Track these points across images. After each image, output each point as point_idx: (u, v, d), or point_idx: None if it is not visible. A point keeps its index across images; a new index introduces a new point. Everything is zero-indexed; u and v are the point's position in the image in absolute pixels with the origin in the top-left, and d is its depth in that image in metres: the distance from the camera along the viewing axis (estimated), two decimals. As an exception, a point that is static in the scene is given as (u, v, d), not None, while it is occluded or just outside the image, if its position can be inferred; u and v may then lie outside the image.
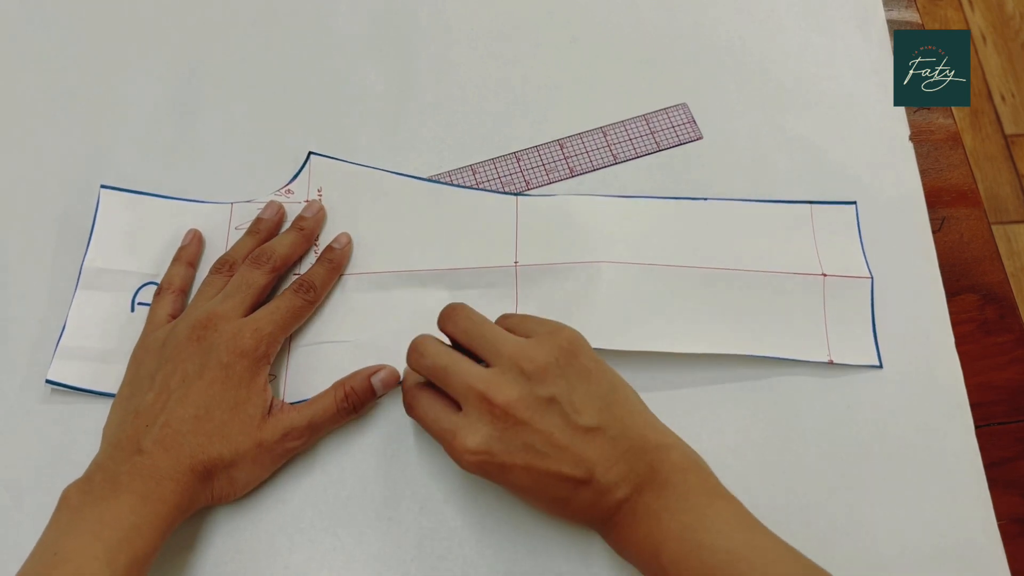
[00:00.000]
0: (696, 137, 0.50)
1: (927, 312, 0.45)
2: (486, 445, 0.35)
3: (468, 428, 0.35)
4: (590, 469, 0.35)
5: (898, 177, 0.49)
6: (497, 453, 0.35)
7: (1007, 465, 0.42)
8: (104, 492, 0.36)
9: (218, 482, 0.38)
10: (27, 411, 0.43)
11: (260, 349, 0.40)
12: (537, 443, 0.35)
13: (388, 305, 0.45)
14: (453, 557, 0.40)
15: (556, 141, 0.50)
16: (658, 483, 0.35)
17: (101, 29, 0.53)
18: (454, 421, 0.36)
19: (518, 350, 0.36)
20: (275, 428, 0.39)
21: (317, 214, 0.46)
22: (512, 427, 0.35)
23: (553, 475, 0.35)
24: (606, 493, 0.35)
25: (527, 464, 0.35)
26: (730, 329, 0.44)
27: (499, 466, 0.35)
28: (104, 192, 0.47)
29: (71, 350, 0.43)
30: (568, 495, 0.36)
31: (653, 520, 0.34)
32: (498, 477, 0.36)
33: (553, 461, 0.35)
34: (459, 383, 0.36)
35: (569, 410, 0.35)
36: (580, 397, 0.36)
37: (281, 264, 0.44)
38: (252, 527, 0.40)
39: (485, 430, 0.35)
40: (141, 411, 0.38)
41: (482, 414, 0.35)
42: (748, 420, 0.43)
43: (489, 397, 0.35)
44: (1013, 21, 1.37)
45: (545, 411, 0.35)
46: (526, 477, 0.35)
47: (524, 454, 0.35)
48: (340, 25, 0.53)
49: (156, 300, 0.43)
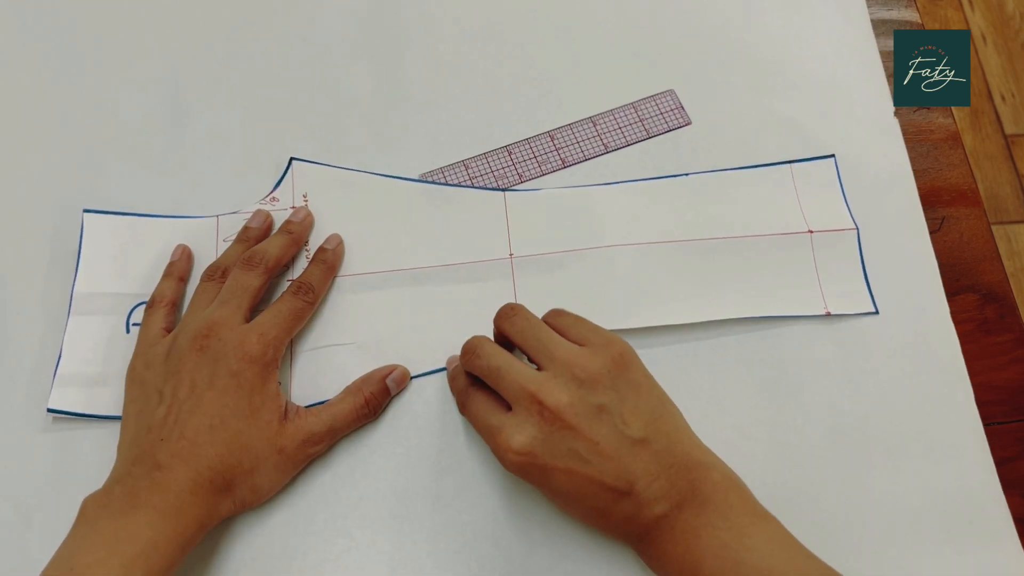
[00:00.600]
0: (685, 123, 0.51)
1: (919, 285, 0.46)
2: (531, 446, 0.35)
3: (515, 427, 0.36)
4: (632, 481, 0.35)
5: (884, 153, 0.50)
6: (541, 455, 0.35)
7: (1007, 465, 0.43)
8: (123, 506, 0.36)
9: (240, 491, 0.39)
10: (31, 429, 0.43)
11: (268, 354, 0.40)
12: (582, 449, 0.35)
13: (387, 305, 0.45)
14: (468, 552, 0.40)
15: (546, 133, 0.50)
16: (699, 501, 0.35)
17: (84, 41, 0.53)
18: (502, 419, 0.36)
19: (572, 357, 0.37)
20: (295, 434, 0.40)
21: (305, 218, 0.46)
22: (559, 431, 0.35)
23: (595, 483, 0.35)
24: (646, 507, 0.35)
25: (569, 469, 0.35)
26: (728, 295, 0.45)
27: (541, 468, 0.35)
28: (88, 216, 0.47)
29: (69, 377, 0.43)
30: (607, 506, 0.36)
31: (692, 537, 0.34)
32: (539, 480, 0.36)
33: (596, 469, 0.35)
34: (512, 383, 0.36)
35: (618, 420, 0.36)
36: (629, 409, 0.36)
37: (274, 265, 0.43)
38: (264, 531, 0.40)
39: (532, 431, 0.35)
40: (154, 426, 0.38)
41: (531, 415, 0.36)
42: (751, 389, 0.44)
43: (540, 399, 0.35)
44: (1013, 21, 1.37)
45: (594, 419, 0.36)
46: (567, 482, 0.36)
47: (568, 459, 0.35)
48: (325, 26, 0.53)
49: (148, 315, 0.43)
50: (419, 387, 0.44)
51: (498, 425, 0.36)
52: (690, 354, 0.44)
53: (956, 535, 0.41)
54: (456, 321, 0.45)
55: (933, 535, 0.41)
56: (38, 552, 0.37)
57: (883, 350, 0.45)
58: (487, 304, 0.41)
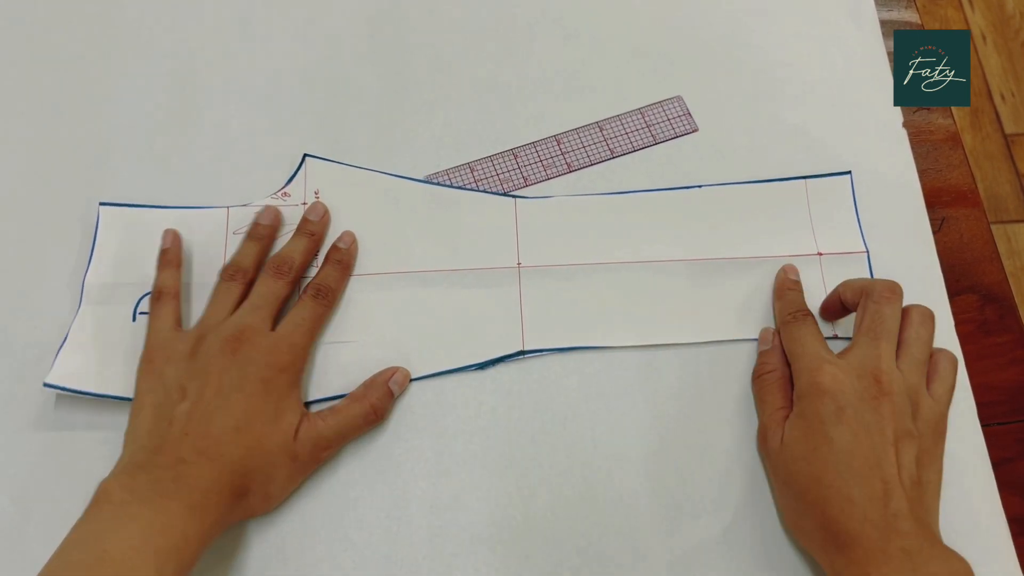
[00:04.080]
0: (692, 129, 0.51)
1: (925, 295, 0.45)
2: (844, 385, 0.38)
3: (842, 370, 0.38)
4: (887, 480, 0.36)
5: (893, 164, 0.50)
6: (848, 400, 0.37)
7: (1007, 465, 0.42)
8: (150, 495, 0.36)
9: (253, 497, 0.39)
10: (32, 425, 0.43)
11: (296, 364, 0.41)
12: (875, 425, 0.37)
13: (392, 306, 0.45)
14: (465, 554, 0.40)
15: (553, 137, 0.50)
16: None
17: (92, 37, 0.53)
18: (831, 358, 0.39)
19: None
20: (306, 440, 0.40)
21: (323, 217, 0.46)
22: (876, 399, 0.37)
23: (873, 451, 0.36)
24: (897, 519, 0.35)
25: (857, 432, 0.37)
26: (735, 316, 0.45)
27: (838, 409, 0.37)
28: (103, 209, 0.47)
29: (70, 356, 0.43)
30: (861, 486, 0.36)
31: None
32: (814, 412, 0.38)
33: (877, 444, 0.36)
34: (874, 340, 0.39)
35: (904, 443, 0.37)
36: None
37: (300, 273, 0.44)
38: (261, 532, 0.40)
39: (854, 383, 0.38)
40: (175, 419, 0.38)
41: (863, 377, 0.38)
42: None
43: (879, 371, 0.38)
44: (1013, 21, 1.37)
45: (902, 422, 0.37)
46: (849, 435, 0.36)
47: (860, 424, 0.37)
48: (334, 27, 0.53)
49: (155, 307, 0.43)
50: (419, 390, 0.44)
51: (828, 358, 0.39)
52: (692, 360, 0.44)
53: (954, 544, 0.40)
54: (460, 327, 0.45)
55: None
56: (36, 544, 0.36)
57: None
58: (492, 311, 0.41)
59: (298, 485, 0.41)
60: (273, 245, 0.46)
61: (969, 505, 0.41)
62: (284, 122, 0.51)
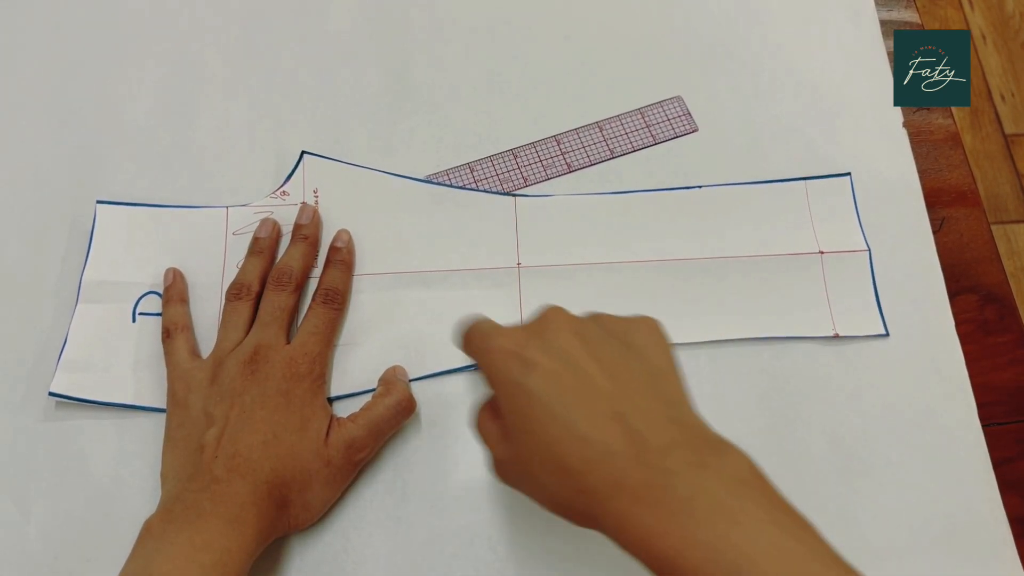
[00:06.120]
0: (692, 129, 0.50)
1: (925, 295, 0.46)
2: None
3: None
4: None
5: (893, 164, 0.49)
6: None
7: (1007, 465, 0.42)
8: (188, 517, 0.36)
9: (294, 508, 0.39)
10: (33, 425, 0.43)
11: (315, 370, 0.41)
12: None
13: (393, 307, 0.45)
14: (465, 556, 0.40)
15: (553, 137, 0.50)
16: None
17: (96, 36, 0.53)
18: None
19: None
20: (337, 443, 0.40)
21: (314, 218, 0.46)
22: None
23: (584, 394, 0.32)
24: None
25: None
26: (736, 315, 0.45)
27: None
28: (100, 207, 0.47)
29: (73, 362, 0.43)
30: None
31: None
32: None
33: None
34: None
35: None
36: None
37: (301, 280, 0.44)
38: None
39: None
40: (206, 445, 0.38)
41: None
42: (753, 400, 0.43)
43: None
44: (1013, 21, 1.37)
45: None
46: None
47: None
48: (334, 25, 0.53)
49: (169, 343, 0.43)
50: (419, 390, 0.44)
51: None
52: (691, 361, 0.44)
53: (955, 548, 0.40)
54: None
55: (930, 546, 0.40)
56: (37, 545, 0.37)
57: (886, 364, 0.44)
58: (492, 312, 0.41)
59: (339, 494, 0.41)
60: (276, 256, 0.46)
61: (969, 505, 0.41)
62: (284, 122, 0.50)
